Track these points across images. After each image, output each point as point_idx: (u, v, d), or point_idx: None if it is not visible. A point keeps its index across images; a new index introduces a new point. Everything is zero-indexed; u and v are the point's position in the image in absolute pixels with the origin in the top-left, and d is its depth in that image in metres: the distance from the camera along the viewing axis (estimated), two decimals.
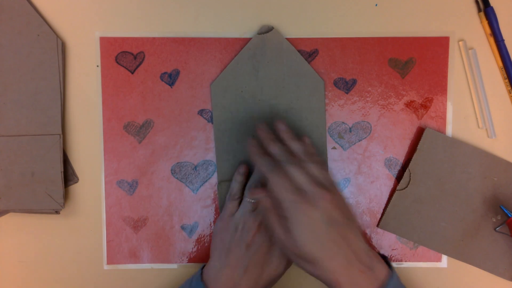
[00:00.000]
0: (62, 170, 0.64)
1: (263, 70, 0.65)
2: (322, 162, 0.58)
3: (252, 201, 0.60)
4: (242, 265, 0.57)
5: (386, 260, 0.55)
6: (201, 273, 0.59)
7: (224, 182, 0.66)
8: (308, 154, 0.57)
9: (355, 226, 0.54)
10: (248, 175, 0.64)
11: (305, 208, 0.52)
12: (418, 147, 0.65)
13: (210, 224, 0.67)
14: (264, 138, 0.59)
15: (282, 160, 0.55)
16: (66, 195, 0.65)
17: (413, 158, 0.65)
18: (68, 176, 0.66)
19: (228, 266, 0.58)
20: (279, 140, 0.59)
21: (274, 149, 0.57)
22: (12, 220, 0.66)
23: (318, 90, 0.66)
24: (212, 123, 0.66)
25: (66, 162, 0.65)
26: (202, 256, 0.67)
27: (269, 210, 0.55)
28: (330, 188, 0.54)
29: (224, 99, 0.66)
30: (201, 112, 0.66)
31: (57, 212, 0.64)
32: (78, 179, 0.66)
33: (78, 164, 0.66)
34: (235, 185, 0.63)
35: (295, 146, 0.58)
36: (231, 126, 0.66)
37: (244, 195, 0.62)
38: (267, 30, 0.65)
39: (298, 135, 0.61)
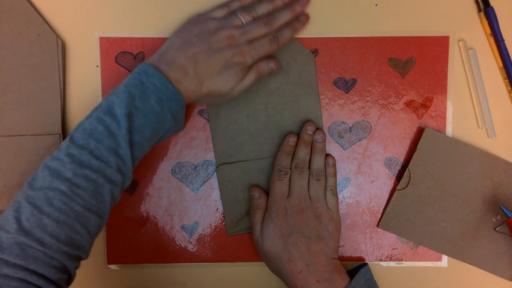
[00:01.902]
0: None
1: None
2: (332, 187, 0.64)
3: (241, 18, 0.60)
4: (196, 59, 0.56)
5: (360, 269, 0.62)
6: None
7: (223, 165, 0.66)
8: (321, 173, 0.63)
9: (328, 243, 0.61)
10: None
11: (281, 212, 0.61)
12: (418, 147, 0.65)
13: (210, 224, 0.67)
14: (302, 137, 0.64)
15: (295, 164, 0.62)
16: None
17: (413, 158, 0.65)
18: None
19: (183, 55, 0.56)
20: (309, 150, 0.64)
21: (300, 153, 0.63)
22: None
23: (308, 64, 0.66)
24: None
25: None
26: (202, 256, 0.67)
27: (258, 210, 0.64)
28: (313, 205, 0.61)
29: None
30: (201, 112, 0.66)
31: None
32: None
33: None
34: (234, 3, 0.63)
35: (316, 161, 0.63)
36: (226, 107, 0.66)
37: (237, 11, 0.61)
38: None
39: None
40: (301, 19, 0.63)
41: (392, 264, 0.67)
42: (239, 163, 0.66)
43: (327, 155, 0.65)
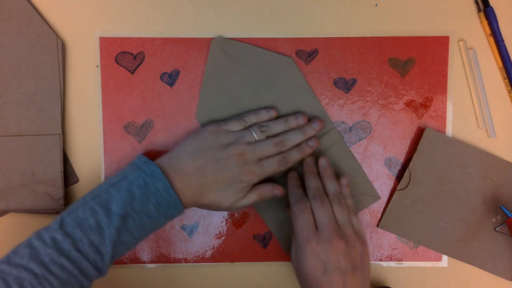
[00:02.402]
0: (62, 170, 0.64)
1: (234, 77, 0.65)
2: (352, 206, 0.62)
3: (254, 135, 0.61)
4: (203, 171, 0.57)
5: None
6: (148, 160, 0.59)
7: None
8: (340, 196, 0.61)
9: (362, 276, 0.58)
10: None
11: (313, 247, 0.57)
12: (418, 147, 0.65)
13: (210, 224, 0.67)
14: (306, 170, 0.63)
15: (312, 195, 0.60)
16: (66, 195, 0.65)
17: (413, 158, 0.65)
18: (68, 176, 0.66)
19: (192, 165, 0.57)
20: (318, 176, 0.63)
21: (311, 183, 0.62)
22: (12, 220, 0.66)
23: (290, 68, 0.66)
24: None
25: (66, 162, 0.65)
26: (202, 256, 0.67)
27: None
28: (345, 232, 0.58)
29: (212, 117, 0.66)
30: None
31: (57, 212, 0.64)
32: (78, 179, 0.66)
33: (78, 164, 0.66)
34: (251, 118, 0.63)
35: (330, 185, 0.62)
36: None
37: (251, 126, 0.62)
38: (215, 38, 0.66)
39: (337, 173, 0.66)
40: (311, 143, 0.63)
41: (392, 264, 0.67)
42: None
43: (338, 177, 0.64)
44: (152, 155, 0.65)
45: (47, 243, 0.51)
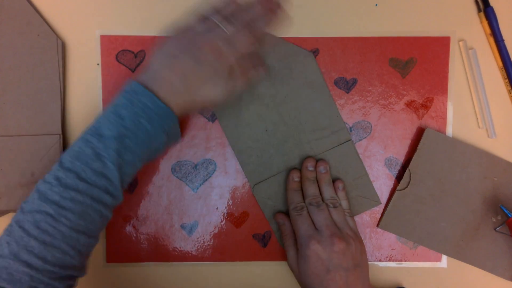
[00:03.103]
0: None
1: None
2: (348, 209, 0.64)
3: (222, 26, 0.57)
4: (182, 72, 0.55)
5: None
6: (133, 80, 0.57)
7: (258, 185, 0.67)
8: (335, 201, 0.63)
9: (363, 272, 0.60)
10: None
11: (315, 248, 0.58)
12: (418, 147, 0.65)
13: (210, 223, 0.67)
14: (304, 175, 0.64)
15: (309, 201, 0.62)
16: None
17: (413, 158, 0.65)
18: None
19: (170, 70, 0.55)
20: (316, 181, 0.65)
21: (309, 190, 0.63)
22: None
23: (309, 63, 0.66)
24: (213, 122, 0.66)
25: None
26: (202, 255, 0.67)
27: (287, 236, 0.64)
28: (343, 232, 0.60)
29: (226, 110, 0.66)
30: (201, 111, 0.66)
31: None
32: None
33: None
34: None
35: (326, 191, 0.63)
36: (242, 129, 0.66)
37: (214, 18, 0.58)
38: None
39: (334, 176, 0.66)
40: (275, 11, 0.59)
41: (392, 264, 0.68)
42: (272, 178, 0.66)
43: (334, 180, 0.65)
44: None
45: (52, 183, 0.51)
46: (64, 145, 0.65)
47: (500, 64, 0.66)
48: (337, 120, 0.66)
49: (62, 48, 0.64)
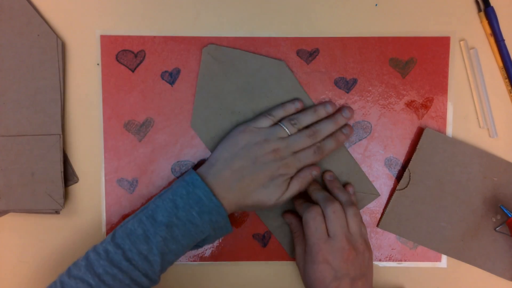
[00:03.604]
0: (62, 170, 0.64)
1: (227, 84, 0.65)
2: (359, 214, 0.62)
3: (286, 130, 0.61)
4: (242, 173, 0.59)
5: None
6: (194, 168, 0.61)
7: None
8: (354, 207, 0.61)
9: (367, 281, 0.60)
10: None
11: (325, 255, 0.58)
12: (418, 147, 0.65)
13: None
14: (311, 188, 0.64)
15: (324, 204, 0.60)
16: (66, 195, 0.65)
17: (413, 158, 0.65)
18: (68, 176, 0.66)
19: (229, 169, 0.59)
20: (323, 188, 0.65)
21: (319, 194, 0.62)
22: (12, 220, 0.66)
23: (283, 72, 0.66)
24: None
25: (66, 162, 0.65)
26: (202, 255, 0.67)
27: (295, 233, 0.64)
28: (356, 242, 0.59)
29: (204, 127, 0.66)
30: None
31: (57, 212, 0.64)
32: (78, 179, 0.66)
33: (78, 164, 0.66)
34: (279, 112, 0.63)
35: (342, 196, 0.62)
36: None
37: (280, 121, 0.62)
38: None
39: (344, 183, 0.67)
40: (345, 131, 0.64)
41: (392, 264, 0.68)
42: None
43: (345, 184, 0.66)
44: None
45: (101, 255, 0.55)
46: (64, 145, 0.65)
47: (500, 64, 0.66)
48: None
49: (62, 48, 0.64)
